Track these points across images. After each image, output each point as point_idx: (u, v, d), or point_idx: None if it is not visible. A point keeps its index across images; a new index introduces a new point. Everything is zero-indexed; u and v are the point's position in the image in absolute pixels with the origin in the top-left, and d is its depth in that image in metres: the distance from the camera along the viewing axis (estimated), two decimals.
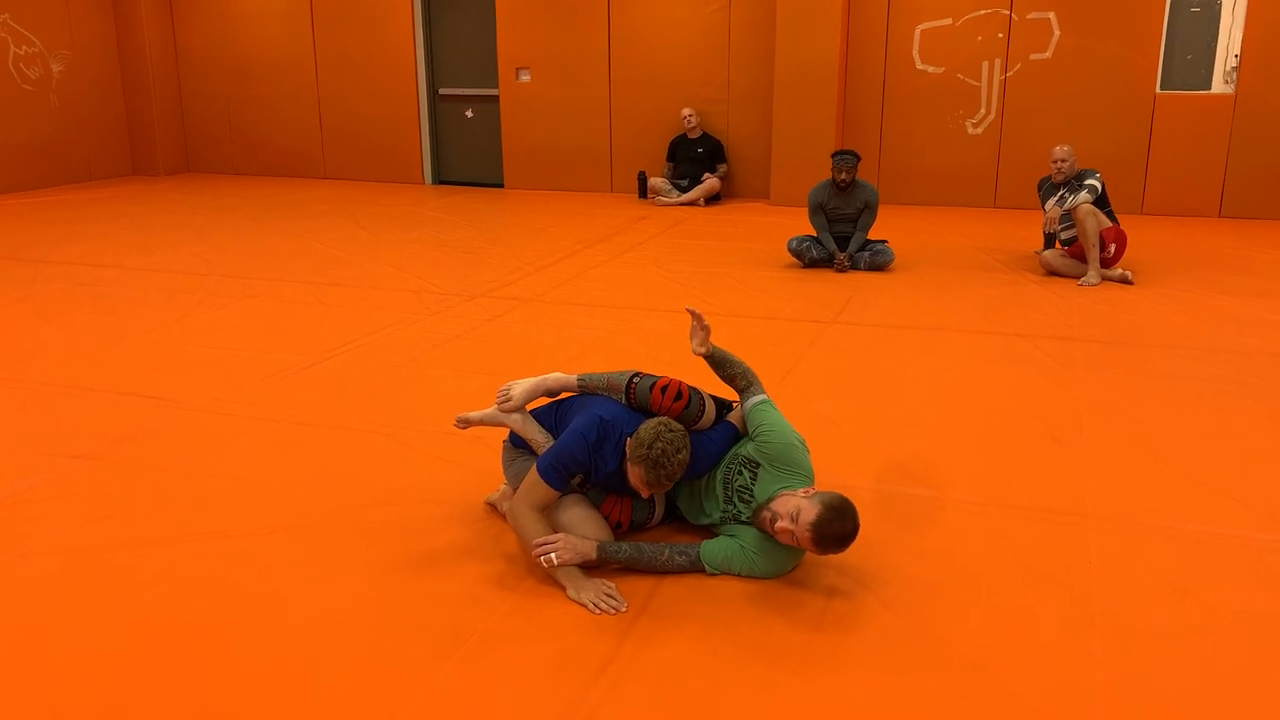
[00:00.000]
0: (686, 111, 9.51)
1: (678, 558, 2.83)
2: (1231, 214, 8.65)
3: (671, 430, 2.72)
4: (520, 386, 3.11)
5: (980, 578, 2.85)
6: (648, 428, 2.73)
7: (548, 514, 2.87)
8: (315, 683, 2.36)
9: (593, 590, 2.69)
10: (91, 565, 2.90)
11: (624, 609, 2.66)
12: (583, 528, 2.85)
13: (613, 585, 2.72)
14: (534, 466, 2.83)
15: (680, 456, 2.71)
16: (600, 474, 2.87)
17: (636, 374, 3.01)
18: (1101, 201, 6.35)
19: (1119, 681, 2.37)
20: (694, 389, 3.00)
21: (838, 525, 2.64)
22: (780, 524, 2.69)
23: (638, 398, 2.95)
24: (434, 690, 2.34)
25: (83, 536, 3.07)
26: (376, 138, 10.93)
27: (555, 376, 3.13)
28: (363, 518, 3.20)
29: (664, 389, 2.94)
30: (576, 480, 2.90)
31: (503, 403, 3.10)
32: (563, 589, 2.73)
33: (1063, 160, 6.43)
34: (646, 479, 2.71)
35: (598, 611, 2.64)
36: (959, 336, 5.21)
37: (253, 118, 11.38)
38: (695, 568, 2.84)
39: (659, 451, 2.67)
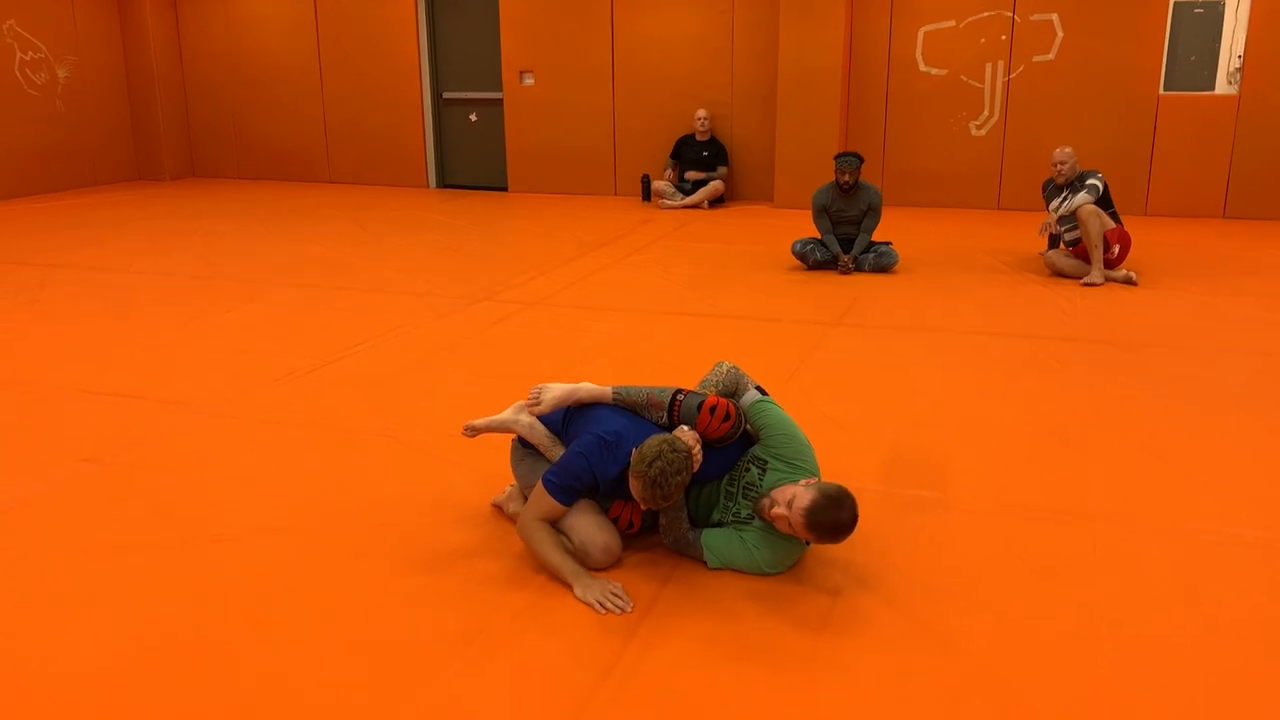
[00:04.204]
0: (702, 113, 9.50)
1: (690, 534, 2.91)
2: (1236, 214, 8.65)
3: (674, 450, 2.69)
4: (551, 393, 3.06)
5: (986, 579, 2.85)
6: (650, 445, 2.71)
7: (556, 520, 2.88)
8: (324, 682, 2.38)
9: (599, 590, 2.70)
10: (100, 568, 2.92)
11: (630, 609, 2.66)
12: (590, 532, 2.86)
13: (619, 585, 2.73)
14: (540, 480, 2.85)
15: (678, 479, 2.69)
16: (604, 484, 2.88)
17: (680, 391, 2.95)
18: (1104, 202, 6.35)
19: (1125, 683, 2.37)
20: (739, 408, 2.97)
21: (832, 513, 2.65)
22: (776, 509, 2.72)
23: (682, 415, 2.90)
24: (441, 690, 2.35)
25: (92, 539, 3.09)
26: (381, 142, 10.96)
27: (587, 388, 3.06)
28: (369, 520, 3.21)
29: (713, 409, 2.87)
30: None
31: (532, 405, 3.09)
32: (570, 589, 2.74)
33: (1062, 163, 6.43)
34: (643, 495, 2.72)
35: (604, 611, 2.65)
36: (963, 338, 5.22)
37: (258, 122, 11.42)
38: (699, 552, 2.89)
39: (658, 471, 2.66)
